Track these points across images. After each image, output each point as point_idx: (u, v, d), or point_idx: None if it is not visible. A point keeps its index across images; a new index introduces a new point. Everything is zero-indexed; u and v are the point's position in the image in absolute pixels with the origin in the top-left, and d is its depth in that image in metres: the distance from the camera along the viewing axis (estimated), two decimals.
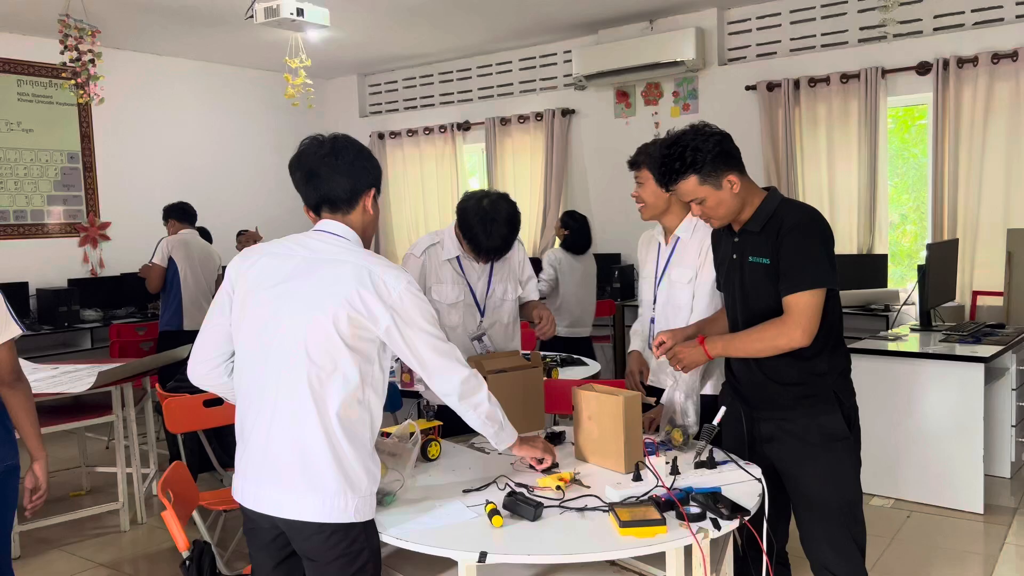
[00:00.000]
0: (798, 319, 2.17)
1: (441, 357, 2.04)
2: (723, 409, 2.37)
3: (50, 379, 4.14)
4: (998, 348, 4.16)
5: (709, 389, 2.75)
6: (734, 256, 2.36)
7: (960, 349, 4.18)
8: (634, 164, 2.75)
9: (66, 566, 3.87)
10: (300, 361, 1.90)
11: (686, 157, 2.23)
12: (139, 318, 6.73)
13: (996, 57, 5.57)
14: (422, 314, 1.98)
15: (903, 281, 6.26)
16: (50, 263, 6.85)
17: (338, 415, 1.90)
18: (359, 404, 1.94)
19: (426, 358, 2.01)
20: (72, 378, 4.11)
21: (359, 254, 1.99)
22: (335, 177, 2.00)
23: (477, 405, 2.12)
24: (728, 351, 2.32)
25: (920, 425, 4.17)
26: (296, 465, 1.92)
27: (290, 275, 1.96)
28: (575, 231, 5.50)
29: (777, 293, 2.22)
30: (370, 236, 2.11)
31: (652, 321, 2.88)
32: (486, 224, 2.84)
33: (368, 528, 1.97)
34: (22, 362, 4.65)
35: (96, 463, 5.04)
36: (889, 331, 4.92)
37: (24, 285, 6.51)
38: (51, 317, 6.35)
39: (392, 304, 1.93)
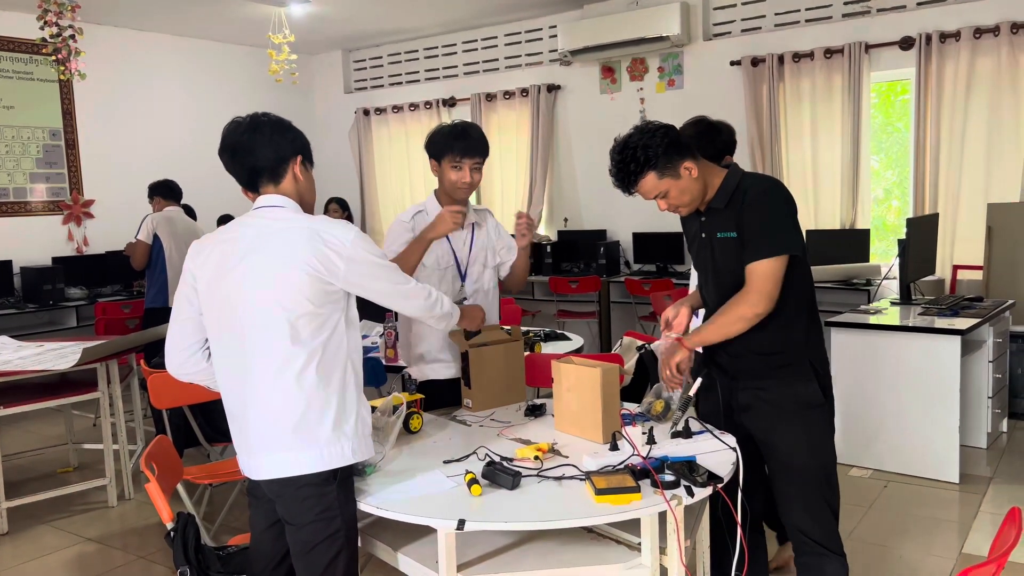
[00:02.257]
0: (756, 285, 2.22)
1: (401, 290, 2.18)
2: (699, 380, 2.41)
3: (35, 356, 4.14)
4: (975, 321, 4.22)
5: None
6: (703, 235, 2.40)
7: (938, 322, 4.24)
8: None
9: (55, 541, 3.90)
10: (273, 331, 1.97)
11: (639, 157, 2.25)
12: (124, 296, 6.72)
13: (978, 32, 5.60)
14: (375, 256, 2.09)
15: (888, 256, 6.32)
16: (34, 241, 6.82)
17: (315, 373, 1.98)
18: (335, 358, 2.02)
19: (389, 296, 2.17)
20: (57, 355, 4.11)
21: (302, 218, 2.06)
22: (257, 149, 2.07)
23: (439, 318, 2.34)
24: (705, 340, 2.34)
25: (898, 397, 4.24)
26: (284, 427, 1.98)
27: (246, 253, 2.01)
28: (349, 215, 6.74)
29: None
30: (309, 203, 2.17)
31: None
32: (456, 129, 2.86)
33: (343, 494, 2.03)
34: (6, 339, 4.68)
35: (83, 440, 5.07)
36: (870, 305, 4.98)
37: (8, 263, 6.49)
38: (36, 295, 6.34)
39: (347, 255, 2.01)
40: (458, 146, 2.85)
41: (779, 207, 2.26)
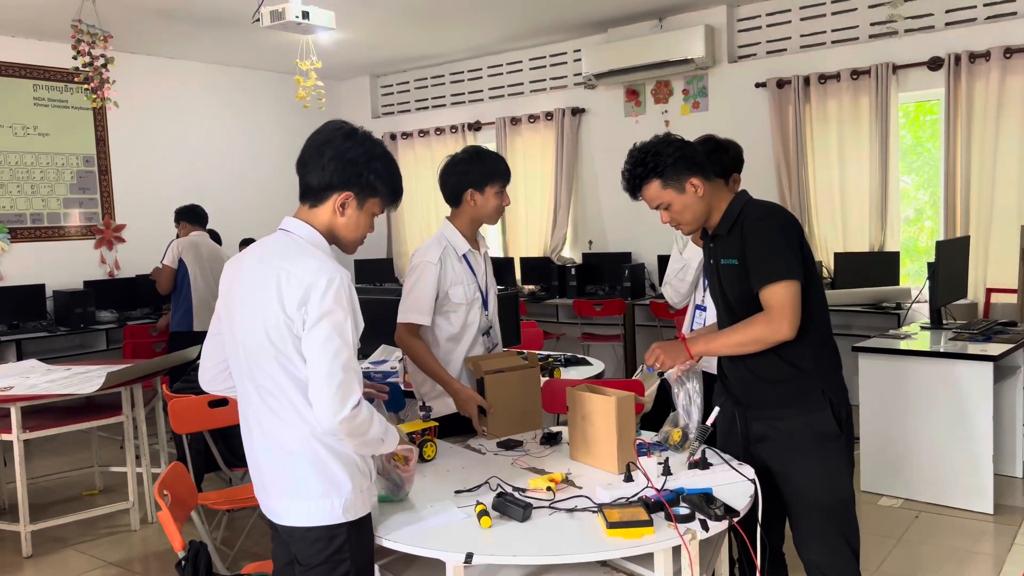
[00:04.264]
0: (781, 311, 2.17)
1: (336, 382, 1.79)
2: (716, 409, 2.37)
3: (62, 380, 4.20)
4: (1008, 347, 4.11)
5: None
6: (711, 261, 2.38)
7: (970, 347, 4.13)
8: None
9: (77, 565, 3.92)
10: (268, 368, 1.90)
11: (647, 163, 2.27)
12: (152, 319, 6.80)
13: (1009, 51, 5.50)
14: (333, 320, 1.82)
15: (921, 277, 6.19)
16: (67, 265, 6.95)
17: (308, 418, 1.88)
18: None
19: (317, 373, 1.80)
20: (83, 379, 4.16)
21: (288, 255, 1.89)
22: (311, 164, 1.95)
23: (365, 443, 1.91)
24: (711, 349, 2.32)
25: (929, 424, 4.13)
26: (279, 471, 1.94)
27: (244, 281, 1.94)
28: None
29: (751, 291, 2.22)
30: (344, 242, 2.01)
31: (702, 308, 2.92)
32: (491, 155, 2.86)
33: (355, 537, 1.94)
34: (36, 362, 4.75)
35: (110, 463, 5.10)
36: (900, 329, 4.87)
37: (41, 287, 6.60)
38: (67, 318, 6.44)
39: (307, 300, 1.82)
40: (502, 172, 2.83)
41: (780, 232, 2.22)
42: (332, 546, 1.92)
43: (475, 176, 2.82)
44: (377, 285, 8.62)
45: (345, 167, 1.93)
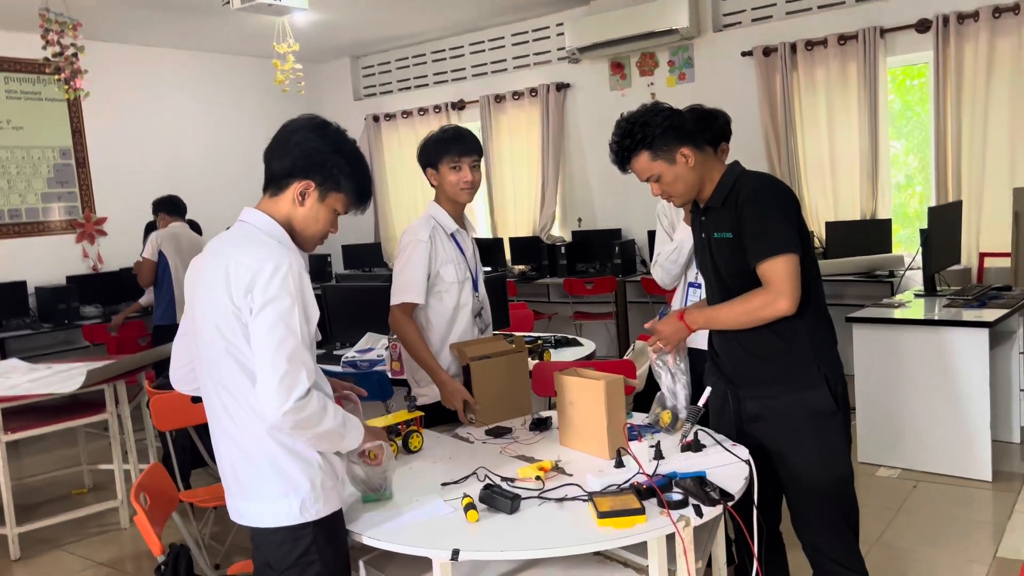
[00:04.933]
0: (780, 286, 2.10)
1: (281, 371, 1.72)
2: (708, 390, 2.31)
3: (43, 379, 4.11)
4: (1003, 312, 4.06)
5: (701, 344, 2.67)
6: (702, 235, 2.30)
7: (964, 314, 4.08)
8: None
9: (68, 565, 3.86)
10: (225, 365, 1.84)
11: (635, 134, 2.19)
12: (138, 314, 6.68)
13: (997, 11, 5.41)
14: (278, 307, 1.75)
15: (912, 243, 6.14)
16: (48, 261, 6.84)
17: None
18: None
19: (263, 364, 1.73)
20: (63, 377, 4.08)
21: (239, 244, 1.84)
22: (275, 152, 1.92)
23: (321, 435, 1.83)
24: (711, 323, 2.26)
25: (925, 392, 4.08)
26: (238, 470, 1.89)
27: (203, 277, 1.89)
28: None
29: (746, 266, 2.14)
30: (304, 236, 1.93)
31: (695, 286, 2.93)
32: (447, 133, 2.85)
33: (323, 538, 1.87)
34: (17, 362, 4.65)
35: (99, 459, 5.02)
36: (893, 298, 4.82)
37: (22, 284, 6.49)
38: (51, 315, 6.34)
39: (251, 289, 1.76)
40: (455, 147, 2.81)
41: (778, 205, 2.15)
42: (299, 548, 1.85)
43: (430, 155, 2.84)
44: (365, 271, 8.53)
45: (309, 155, 1.89)
